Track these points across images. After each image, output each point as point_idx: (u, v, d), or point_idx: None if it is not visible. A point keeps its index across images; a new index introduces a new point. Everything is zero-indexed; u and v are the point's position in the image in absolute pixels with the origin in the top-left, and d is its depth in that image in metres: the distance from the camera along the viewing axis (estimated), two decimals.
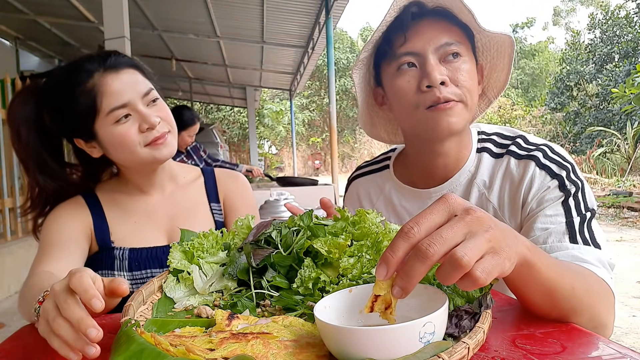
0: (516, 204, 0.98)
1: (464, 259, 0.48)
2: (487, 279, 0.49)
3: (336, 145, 6.41)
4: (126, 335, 0.52)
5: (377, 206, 1.19)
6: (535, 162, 0.97)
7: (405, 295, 0.51)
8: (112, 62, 1.05)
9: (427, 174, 1.09)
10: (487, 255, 0.50)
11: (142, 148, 1.06)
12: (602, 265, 0.83)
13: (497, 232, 0.52)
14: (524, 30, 32.65)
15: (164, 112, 1.10)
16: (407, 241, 0.50)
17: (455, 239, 0.50)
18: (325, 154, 29.30)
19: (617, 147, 14.13)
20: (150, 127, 1.05)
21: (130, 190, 1.21)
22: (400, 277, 0.51)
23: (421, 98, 0.96)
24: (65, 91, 1.04)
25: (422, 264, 0.49)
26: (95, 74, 1.03)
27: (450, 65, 0.96)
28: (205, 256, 0.81)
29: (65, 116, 1.06)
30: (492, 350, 0.56)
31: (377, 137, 1.22)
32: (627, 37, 17.34)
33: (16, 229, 3.63)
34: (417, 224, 0.51)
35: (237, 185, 1.33)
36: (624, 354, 0.54)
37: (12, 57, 7.65)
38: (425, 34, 0.96)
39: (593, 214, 0.92)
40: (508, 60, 1.03)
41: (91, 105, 1.02)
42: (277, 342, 0.55)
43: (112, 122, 1.03)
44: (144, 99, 1.06)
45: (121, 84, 1.03)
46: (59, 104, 1.06)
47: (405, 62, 0.97)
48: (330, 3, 5.90)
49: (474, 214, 0.52)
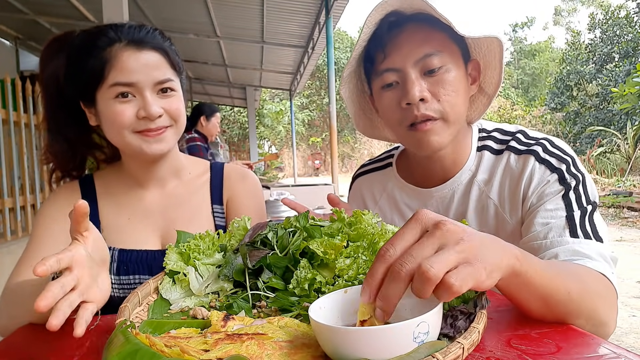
0: (517, 200, 0.98)
1: (430, 271, 0.48)
2: (462, 287, 0.49)
3: (336, 145, 6.41)
4: (121, 335, 0.52)
5: (380, 204, 1.20)
6: (535, 156, 0.96)
7: (388, 317, 0.52)
8: (138, 37, 0.99)
9: (427, 174, 1.10)
10: (460, 266, 0.50)
11: (131, 134, 0.99)
12: (604, 260, 0.83)
13: (470, 243, 0.52)
14: (524, 30, 32.65)
15: (174, 106, 1.02)
16: (384, 263, 0.52)
17: (424, 255, 0.51)
18: (325, 153, 29.30)
19: (617, 147, 14.12)
20: (148, 117, 0.98)
21: (128, 181, 1.12)
22: (379, 299, 0.52)
23: (403, 115, 0.96)
24: (82, 50, 0.99)
25: (396, 285, 0.50)
26: (116, 44, 0.97)
27: (431, 77, 0.94)
28: (202, 257, 0.81)
29: (74, 74, 1.01)
30: (487, 350, 0.56)
31: (380, 137, 1.22)
32: (627, 37, 17.33)
33: (16, 229, 3.62)
34: (392, 245, 0.53)
35: (245, 186, 1.21)
36: (619, 354, 0.54)
37: (12, 57, 7.65)
38: (403, 47, 0.94)
39: (595, 206, 0.91)
40: (499, 58, 1.01)
41: (99, 72, 0.97)
42: (272, 343, 0.55)
43: (113, 96, 0.97)
44: (155, 86, 0.99)
45: (136, 63, 0.97)
46: (74, 60, 1.01)
47: (387, 80, 0.96)
48: (330, 3, 5.90)
49: (443, 228, 0.52)
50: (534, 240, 0.90)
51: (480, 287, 0.52)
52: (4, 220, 3.59)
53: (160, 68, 1.00)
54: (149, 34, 1.01)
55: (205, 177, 1.20)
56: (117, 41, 0.98)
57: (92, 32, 1.01)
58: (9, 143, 3.64)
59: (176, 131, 1.04)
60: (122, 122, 0.97)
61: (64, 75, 1.03)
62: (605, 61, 18.00)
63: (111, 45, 0.97)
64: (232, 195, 1.18)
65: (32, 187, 3.95)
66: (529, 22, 33.55)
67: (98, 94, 0.99)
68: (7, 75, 3.72)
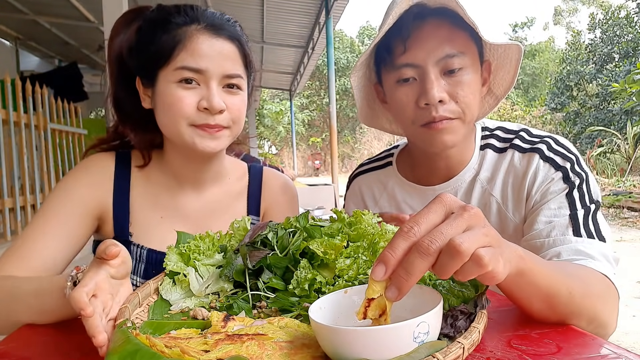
0: (520, 197, 0.98)
1: (462, 245, 0.47)
2: (491, 262, 0.48)
3: (336, 145, 6.42)
4: (121, 336, 0.52)
5: (380, 203, 1.19)
6: (540, 154, 0.96)
7: (401, 296, 0.50)
8: (217, 23, 0.93)
9: (431, 172, 1.10)
10: (487, 247, 0.50)
11: (187, 126, 0.92)
12: (606, 260, 0.82)
13: (493, 230, 0.53)
14: (524, 30, 32.66)
15: (237, 105, 0.95)
16: (408, 240, 0.50)
17: (455, 233, 0.50)
18: (325, 154, 29.28)
19: (617, 147, 14.11)
20: (209, 110, 0.91)
21: (166, 177, 1.05)
22: (397, 274, 0.49)
23: (418, 114, 0.95)
24: (156, 23, 0.94)
25: (423, 260, 0.48)
26: (193, 24, 0.91)
27: (450, 78, 0.93)
28: (202, 258, 0.81)
29: (142, 48, 0.95)
30: (488, 350, 0.56)
31: (379, 127, 1.22)
32: (628, 37, 17.31)
33: (16, 229, 3.62)
34: (417, 223, 0.51)
35: (286, 198, 1.15)
36: (619, 354, 0.54)
37: (12, 57, 7.65)
38: (426, 43, 0.92)
39: (598, 206, 0.91)
40: (515, 64, 1.02)
41: (168, 50, 0.90)
42: (272, 343, 0.55)
43: (176, 80, 0.91)
44: (223, 79, 0.93)
45: (209, 50, 0.91)
46: (145, 32, 0.95)
47: (405, 75, 0.95)
48: (330, 3, 5.91)
49: (470, 211, 0.52)
50: (537, 239, 0.90)
51: (497, 276, 0.51)
52: (4, 220, 3.59)
53: (233, 61, 0.94)
54: (228, 22, 0.96)
55: (244, 182, 1.14)
56: (195, 22, 0.92)
57: (170, 8, 0.96)
58: (9, 143, 3.64)
59: (232, 134, 0.98)
60: (181, 110, 0.91)
61: (130, 48, 0.97)
62: (606, 61, 17.98)
63: (188, 25, 0.91)
64: (270, 207, 1.13)
65: (32, 187, 3.94)
66: (529, 22, 33.54)
67: (161, 73, 0.92)
68: (7, 75, 3.72)
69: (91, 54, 8.23)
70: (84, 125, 5.25)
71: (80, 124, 5.11)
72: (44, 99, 4.20)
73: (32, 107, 3.98)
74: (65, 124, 4.70)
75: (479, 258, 0.48)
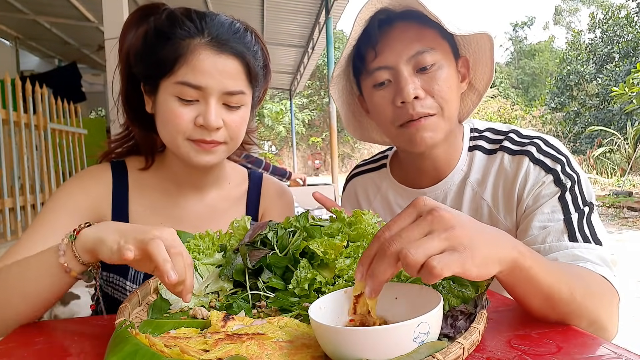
0: (511, 201, 0.97)
1: (408, 256, 0.50)
2: (443, 270, 0.50)
3: (336, 145, 6.42)
4: (121, 336, 0.52)
5: (374, 205, 1.19)
6: (529, 157, 0.95)
7: (375, 295, 0.54)
8: (223, 37, 0.91)
9: (419, 174, 1.09)
10: (446, 252, 0.52)
11: (183, 140, 0.92)
12: (605, 264, 0.82)
13: (461, 231, 0.53)
14: (524, 29, 32.66)
15: (236, 122, 0.95)
16: (377, 243, 0.55)
17: (413, 237, 0.52)
18: (325, 153, 29.29)
19: (617, 147, 14.12)
20: (205, 127, 0.91)
21: (165, 182, 1.05)
22: (367, 277, 0.54)
23: (396, 114, 0.96)
24: (161, 33, 0.92)
25: (382, 262, 0.53)
26: (197, 38, 0.90)
27: (424, 74, 0.94)
28: (202, 257, 0.81)
29: (146, 54, 0.94)
30: (488, 350, 0.56)
31: (369, 139, 1.22)
32: (628, 37, 17.32)
33: (16, 229, 3.62)
34: (388, 228, 0.55)
35: (282, 204, 1.17)
36: (619, 354, 0.54)
37: (12, 57, 7.65)
38: (395, 44, 0.93)
39: (592, 207, 0.90)
40: (490, 54, 1.01)
41: (169, 63, 0.89)
42: (272, 343, 0.55)
43: (175, 93, 0.90)
44: (223, 95, 0.92)
45: (211, 67, 0.89)
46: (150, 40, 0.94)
47: (380, 79, 0.95)
48: (330, 3, 5.91)
49: (435, 214, 0.53)
50: (532, 245, 0.89)
51: (469, 275, 0.52)
52: (4, 220, 3.59)
53: (235, 78, 0.92)
54: (236, 35, 0.93)
55: (243, 187, 1.16)
56: (199, 35, 0.90)
57: (176, 15, 0.93)
58: (9, 143, 3.64)
59: (228, 149, 0.98)
60: (178, 126, 0.91)
61: (136, 53, 0.97)
62: (606, 61, 18.00)
63: (192, 37, 0.90)
64: (266, 211, 1.15)
65: (32, 187, 3.95)
66: (529, 21, 33.55)
67: (162, 83, 0.92)
68: (7, 75, 3.72)
69: (91, 54, 8.23)
70: (84, 125, 5.25)
71: (80, 123, 5.11)
72: (43, 98, 4.21)
73: (32, 107, 3.98)
74: (65, 123, 4.70)
75: (430, 267, 0.50)
